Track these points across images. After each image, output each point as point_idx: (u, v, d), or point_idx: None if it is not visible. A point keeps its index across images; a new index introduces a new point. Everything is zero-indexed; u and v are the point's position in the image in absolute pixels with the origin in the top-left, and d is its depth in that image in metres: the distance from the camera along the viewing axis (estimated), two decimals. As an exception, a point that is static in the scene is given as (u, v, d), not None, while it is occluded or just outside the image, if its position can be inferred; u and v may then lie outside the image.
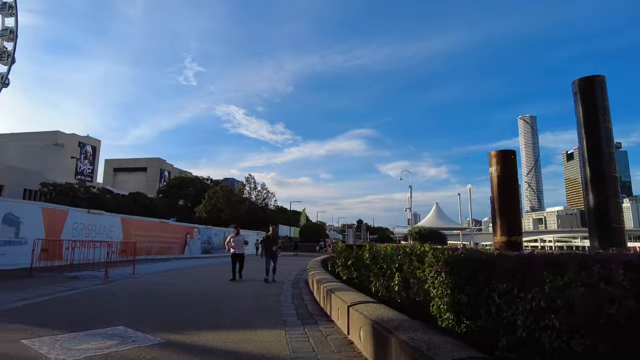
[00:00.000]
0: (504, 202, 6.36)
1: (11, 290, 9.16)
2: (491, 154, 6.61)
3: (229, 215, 47.32)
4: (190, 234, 27.46)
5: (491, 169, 6.60)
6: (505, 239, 6.36)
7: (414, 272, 7.32)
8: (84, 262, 15.77)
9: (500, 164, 6.39)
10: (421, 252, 9.96)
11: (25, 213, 14.44)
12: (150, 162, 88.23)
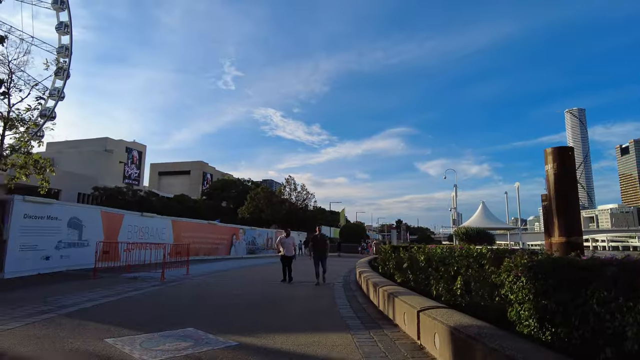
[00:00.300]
0: (562, 201, 6.06)
1: (80, 291, 9.64)
2: (547, 151, 6.28)
3: (270, 216, 47.99)
4: (235, 235, 28.05)
5: (547, 167, 6.27)
6: (564, 239, 6.04)
7: (481, 274, 7.07)
8: (139, 264, 16.40)
9: (558, 161, 6.11)
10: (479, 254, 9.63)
11: (87, 217, 15.22)
12: (193, 166, 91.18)
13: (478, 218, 37.21)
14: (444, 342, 4.45)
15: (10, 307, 7.20)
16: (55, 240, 13.68)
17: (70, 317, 6.59)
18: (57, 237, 13.79)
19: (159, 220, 20.21)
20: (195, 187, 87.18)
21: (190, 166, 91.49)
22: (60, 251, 13.87)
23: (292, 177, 53.06)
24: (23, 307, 7.27)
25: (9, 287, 9.97)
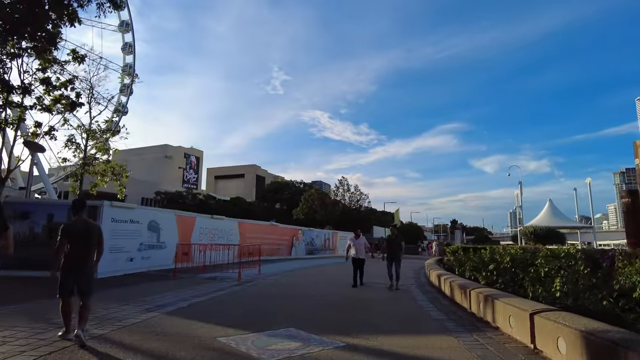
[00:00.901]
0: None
1: (168, 291, 10.14)
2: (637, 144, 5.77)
3: (324, 217, 48.28)
4: (295, 236, 28.47)
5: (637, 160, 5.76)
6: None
7: (588, 276, 6.64)
8: (210, 264, 17.05)
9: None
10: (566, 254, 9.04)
11: (163, 220, 16.04)
12: (246, 169, 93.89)
13: (545, 216, 35.11)
14: (574, 347, 4.19)
15: (119, 305, 7.71)
16: (137, 242, 14.51)
17: (174, 316, 6.93)
18: (139, 240, 14.62)
19: (227, 222, 20.92)
20: (249, 190, 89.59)
21: (244, 170, 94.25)
22: (141, 253, 14.69)
23: (345, 178, 53.11)
24: (128, 306, 7.75)
25: (105, 286, 10.67)
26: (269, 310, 7.88)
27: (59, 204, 14.00)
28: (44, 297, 8.12)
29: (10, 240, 4.96)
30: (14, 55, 20.88)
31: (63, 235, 5.23)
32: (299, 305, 8.54)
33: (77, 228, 5.37)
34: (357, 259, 12.47)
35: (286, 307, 8.34)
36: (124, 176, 21.10)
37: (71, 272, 5.17)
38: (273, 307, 8.35)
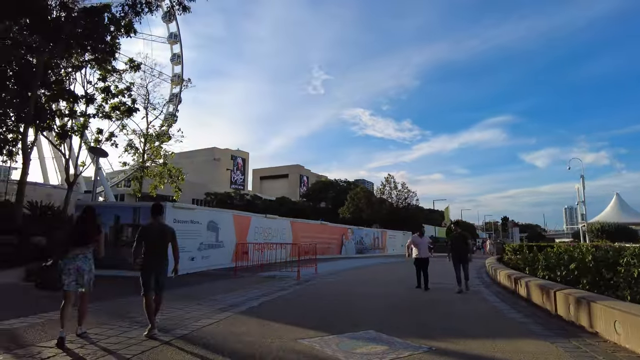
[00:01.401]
0: None
1: (233, 290, 10.24)
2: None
3: (371, 216, 47.74)
4: (345, 235, 28.28)
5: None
6: None
7: None
8: (265, 262, 17.18)
9: None
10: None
11: (221, 220, 16.36)
12: (290, 169, 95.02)
13: (612, 212, 32.65)
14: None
15: (193, 304, 7.82)
16: (197, 242, 14.85)
17: (248, 316, 6.92)
18: (199, 240, 14.95)
19: (280, 222, 21.08)
20: (293, 190, 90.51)
21: (288, 170, 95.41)
22: (202, 252, 15.02)
23: (391, 176, 52.28)
24: (201, 305, 7.85)
25: (173, 285, 10.88)
26: (338, 311, 7.70)
27: (125, 206, 14.61)
28: (116, 295, 8.41)
29: (101, 242, 5.62)
30: (78, 67, 22.22)
31: (140, 236, 5.65)
32: (367, 306, 8.30)
33: (152, 230, 5.71)
34: (420, 259, 11.40)
35: (354, 307, 8.14)
36: (180, 178, 21.83)
37: (150, 270, 5.53)
38: (341, 307, 8.17)
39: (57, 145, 22.95)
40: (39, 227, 18.39)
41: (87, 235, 5.42)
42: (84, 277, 5.26)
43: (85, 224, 5.50)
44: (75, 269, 5.20)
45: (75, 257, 5.25)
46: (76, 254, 5.27)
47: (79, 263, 5.24)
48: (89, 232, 5.45)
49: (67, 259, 5.23)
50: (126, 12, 20.32)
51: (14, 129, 20.16)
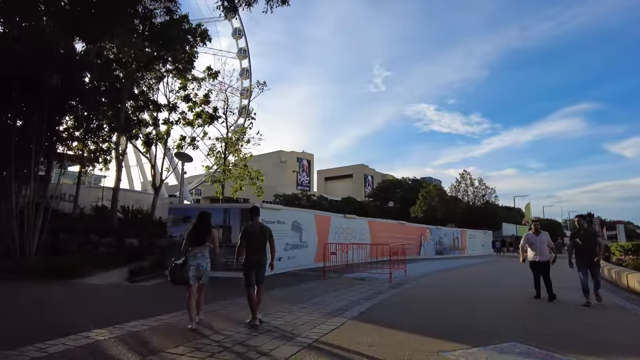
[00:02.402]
0: None
1: (329, 292, 9.88)
2: None
3: (445, 215, 45.72)
4: (423, 235, 27.12)
5: None
6: None
7: None
8: (348, 264, 16.74)
9: None
10: None
11: (304, 220, 16.22)
12: (354, 169, 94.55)
13: None
14: None
15: (299, 307, 7.54)
16: (283, 242, 14.77)
17: (363, 322, 6.45)
18: (285, 240, 14.87)
19: (358, 221, 20.60)
20: (358, 189, 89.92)
21: (352, 170, 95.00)
22: (287, 252, 14.92)
23: (467, 172, 49.66)
24: (306, 309, 7.52)
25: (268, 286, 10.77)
26: (460, 318, 6.97)
27: (215, 207, 14.87)
28: (220, 296, 8.34)
29: (216, 242, 6.37)
30: (160, 78, 23.40)
31: (243, 235, 6.33)
32: (488, 313, 7.49)
33: (254, 230, 6.34)
34: (538, 262, 9.36)
35: (473, 314, 7.37)
36: (260, 180, 22.17)
37: (252, 266, 6.25)
38: (460, 314, 7.42)
39: (144, 153, 24.41)
40: (132, 229, 19.56)
41: (203, 236, 6.23)
42: (203, 272, 6.15)
43: (201, 227, 6.29)
44: (196, 266, 6.07)
45: (195, 255, 6.11)
46: (195, 252, 6.13)
47: (198, 261, 6.11)
48: (204, 234, 6.26)
49: (189, 257, 6.10)
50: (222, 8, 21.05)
51: (107, 139, 21.66)
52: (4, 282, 10.78)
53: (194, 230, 6.33)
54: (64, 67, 14.79)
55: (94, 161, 21.06)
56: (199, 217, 6.39)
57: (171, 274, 6.19)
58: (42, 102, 14.38)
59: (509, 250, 38.56)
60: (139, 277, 11.93)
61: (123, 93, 20.05)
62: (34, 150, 15.03)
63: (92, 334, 5.32)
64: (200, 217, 6.38)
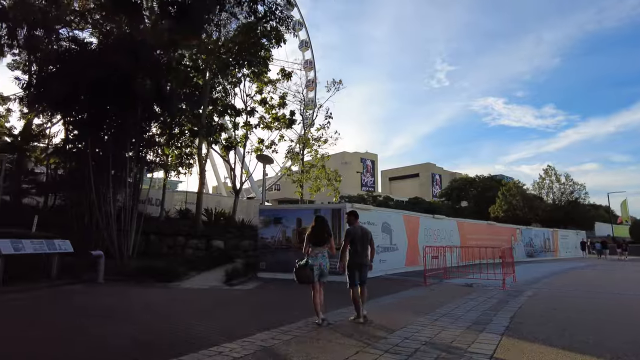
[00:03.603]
0: None
1: (443, 302, 8.90)
2: None
3: (529, 214, 42.35)
4: (514, 236, 24.95)
5: None
6: None
7: None
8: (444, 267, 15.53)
9: None
10: None
11: (393, 221, 15.29)
12: (420, 168, 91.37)
13: None
14: None
15: (421, 318, 6.68)
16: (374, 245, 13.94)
17: (519, 339, 5.42)
18: (375, 242, 13.92)
19: (447, 222, 19.27)
20: (425, 189, 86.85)
21: (418, 169, 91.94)
22: (378, 256, 14.01)
23: (551, 167, 45.63)
24: (437, 320, 6.64)
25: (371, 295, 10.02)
26: (630, 333, 5.71)
27: (306, 208, 14.42)
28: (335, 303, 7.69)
29: (332, 243, 6.76)
30: (237, 82, 23.66)
31: (347, 238, 6.80)
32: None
33: (356, 232, 6.81)
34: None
35: None
36: (337, 181, 21.61)
37: (356, 267, 6.71)
38: (623, 328, 6.13)
39: (223, 157, 24.84)
40: (216, 231, 19.82)
41: (322, 237, 6.61)
42: (325, 271, 6.54)
43: (319, 229, 6.65)
44: (318, 265, 6.44)
45: (316, 256, 6.49)
46: (316, 253, 6.52)
47: (320, 260, 6.49)
48: (323, 235, 6.62)
49: (311, 258, 6.48)
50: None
51: (189, 145, 22.24)
52: (111, 285, 11.02)
53: (313, 233, 6.66)
54: (153, 73, 15.18)
55: (179, 166, 21.66)
56: (316, 220, 6.82)
57: (296, 274, 6.51)
58: (135, 108, 14.84)
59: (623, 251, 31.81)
60: (235, 280, 11.68)
61: (203, 99, 20.41)
62: (129, 158, 15.61)
63: (225, 349, 4.82)
64: (318, 220, 6.80)
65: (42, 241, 10.71)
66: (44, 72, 16.58)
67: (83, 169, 15.77)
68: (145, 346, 5.10)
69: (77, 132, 16.50)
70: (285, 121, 22.68)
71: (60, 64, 14.93)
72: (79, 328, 6.12)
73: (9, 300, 8.29)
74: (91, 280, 11.25)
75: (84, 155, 15.61)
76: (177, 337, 5.48)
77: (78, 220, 15.50)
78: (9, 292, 8.97)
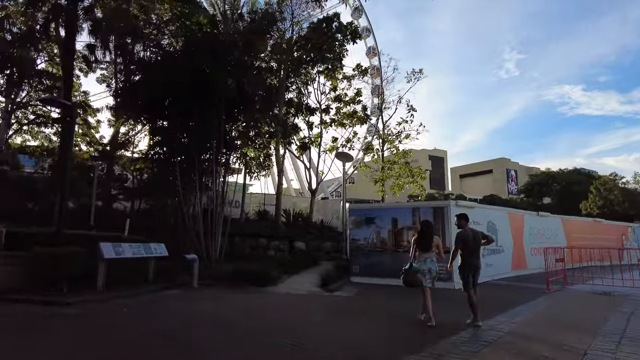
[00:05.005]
0: None
1: (598, 315, 7.37)
2: None
3: (630, 209, 37.67)
4: (625, 235, 21.89)
5: None
6: None
7: None
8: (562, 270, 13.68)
9: None
10: None
11: (498, 220, 13.72)
12: (494, 164, 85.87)
13: None
14: None
15: (587, 337, 5.34)
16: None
17: None
18: (480, 244, 12.57)
19: (551, 220, 17.17)
20: (499, 186, 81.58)
21: (491, 165, 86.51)
22: (485, 259, 12.51)
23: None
24: (627, 347, 5.25)
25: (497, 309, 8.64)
26: None
27: (402, 207, 13.35)
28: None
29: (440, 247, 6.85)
30: (311, 80, 23.12)
31: (458, 241, 6.79)
32: None
33: (468, 236, 6.75)
34: None
35: None
36: (421, 177, 20.24)
37: (469, 270, 6.68)
38: None
39: (298, 157, 24.42)
40: (296, 232, 19.33)
41: (429, 242, 6.71)
42: (435, 275, 6.67)
43: (426, 234, 6.75)
44: (427, 270, 6.58)
45: (425, 260, 6.62)
46: (425, 258, 6.65)
47: (429, 265, 6.60)
48: (430, 241, 6.72)
49: (420, 263, 6.60)
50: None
51: (266, 146, 22.02)
52: (206, 289, 10.69)
53: (420, 237, 6.77)
54: (234, 73, 14.94)
55: (259, 168, 21.49)
56: (422, 224, 7.01)
57: (404, 279, 6.67)
58: (217, 109, 14.67)
59: None
60: (332, 286, 10.86)
61: (279, 99, 20.05)
62: (214, 160, 15.50)
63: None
64: (424, 225, 6.97)
65: (139, 245, 10.61)
66: (131, 80, 17.11)
67: (168, 174, 15.98)
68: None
69: (161, 138, 16.74)
70: (359, 117, 21.69)
71: (146, 69, 15.18)
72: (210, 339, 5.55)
73: (117, 306, 8.09)
74: (185, 284, 11.00)
75: (168, 161, 15.77)
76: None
77: (164, 223, 15.67)
78: (114, 297, 8.83)
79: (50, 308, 7.58)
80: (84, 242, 10.12)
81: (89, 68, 22.52)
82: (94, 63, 21.29)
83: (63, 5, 14.96)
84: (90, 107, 23.39)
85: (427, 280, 6.56)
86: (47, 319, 6.80)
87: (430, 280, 6.60)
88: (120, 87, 19.04)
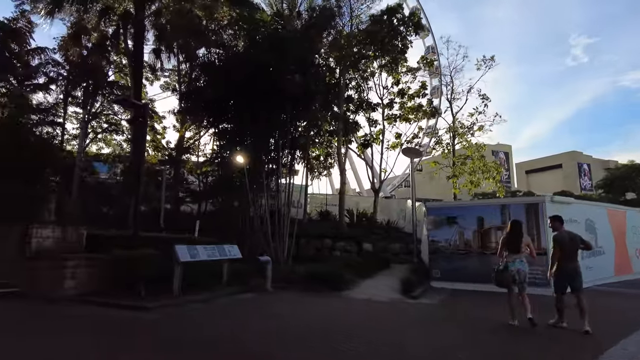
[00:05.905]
0: None
1: None
2: None
3: None
4: None
5: None
6: None
7: None
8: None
9: None
10: None
11: (596, 217, 12.15)
12: (564, 158, 79.50)
13: None
14: None
15: None
16: (590, 245, 11.11)
17: None
18: (579, 243, 11.15)
19: (654, 217, 15.09)
20: (570, 181, 75.42)
21: (561, 159, 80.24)
22: (584, 261, 11.05)
23: None
24: None
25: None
26: None
27: (489, 205, 12.28)
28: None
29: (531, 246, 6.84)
30: (371, 75, 22.32)
31: (556, 244, 6.61)
32: None
33: (564, 238, 6.53)
34: None
35: None
36: (497, 173, 18.79)
37: (567, 273, 6.41)
38: None
39: (359, 155, 23.72)
40: (360, 232, 18.63)
41: (518, 242, 6.54)
42: (525, 275, 6.47)
43: (515, 234, 6.58)
44: (517, 271, 6.42)
45: (514, 261, 6.46)
46: (515, 258, 6.49)
47: (518, 266, 6.44)
48: (519, 243, 6.53)
49: (510, 263, 6.45)
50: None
51: (328, 145, 21.53)
52: (280, 293, 10.30)
53: (508, 238, 6.63)
54: (299, 69, 14.57)
55: (321, 167, 21.07)
56: (511, 225, 6.76)
57: (496, 278, 6.53)
58: (282, 107, 14.35)
59: None
60: (414, 292, 10.02)
61: (339, 96, 19.48)
62: (279, 161, 15.22)
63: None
64: (514, 224, 6.75)
65: (213, 247, 10.44)
66: (195, 82, 17.36)
67: (233, 176, 15.93)
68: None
69: (225, 141, 16.72)
70: (426, 111, 20.55)
71: (210, 69, 15.21)
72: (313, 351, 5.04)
73: (197, 312, 7.85)
74: (259, 287, 10.66)
75: (233, 163, 15.70)
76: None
77: (232, 225, 15.60)
78: (191, 301, 8.64)
79: (134, 313, 7.47)
80: (157, 244, 10.10)
81: (154, 76, 23.34)
82: (158, 71, 21.97)
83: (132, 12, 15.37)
84: (156, 113, 24.20)
85: (517, 282, 6.42)
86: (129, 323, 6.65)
87: (520, 281, 6.43)
88: (184, 91, 19.40)
